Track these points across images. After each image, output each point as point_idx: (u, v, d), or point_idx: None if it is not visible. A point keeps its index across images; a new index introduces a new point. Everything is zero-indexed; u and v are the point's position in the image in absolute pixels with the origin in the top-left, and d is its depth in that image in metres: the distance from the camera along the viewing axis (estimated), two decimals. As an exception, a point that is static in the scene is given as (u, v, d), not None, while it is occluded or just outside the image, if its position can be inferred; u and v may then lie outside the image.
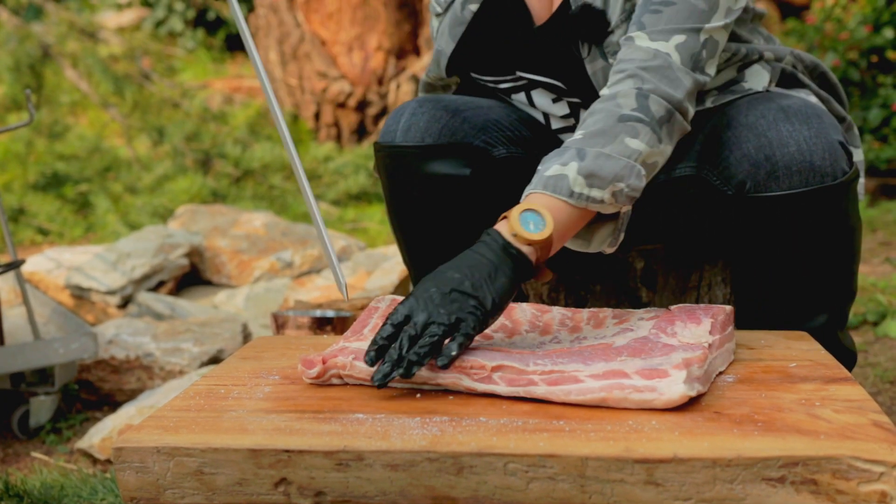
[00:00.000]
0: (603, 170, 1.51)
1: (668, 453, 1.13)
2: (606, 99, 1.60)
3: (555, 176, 1.50)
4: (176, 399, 1.38)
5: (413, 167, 1.84)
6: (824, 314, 1.78)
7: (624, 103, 1.57)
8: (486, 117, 1.88)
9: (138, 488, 1.22)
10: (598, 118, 1.57)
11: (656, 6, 1.64)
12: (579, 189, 1.49)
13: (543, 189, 1.50)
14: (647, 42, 1.63)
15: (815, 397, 1.30)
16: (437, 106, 1.86)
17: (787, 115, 1.70)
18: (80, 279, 3.43)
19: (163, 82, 6.63)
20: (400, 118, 1.86)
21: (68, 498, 2.08)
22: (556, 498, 1.15)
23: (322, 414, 1.29)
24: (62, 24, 6.77)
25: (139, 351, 2.81)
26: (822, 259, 1.73)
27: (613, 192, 1.52)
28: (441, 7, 1.92)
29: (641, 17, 1.65)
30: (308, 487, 1.19)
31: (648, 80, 1.59)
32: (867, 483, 1.11)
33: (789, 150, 1.67)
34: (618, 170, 1.51)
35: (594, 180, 1.50)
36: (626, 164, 1.52)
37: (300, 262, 3.80)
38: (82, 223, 5.06)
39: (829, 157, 1.66)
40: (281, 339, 1.77)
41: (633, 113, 1.56)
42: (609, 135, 1.54)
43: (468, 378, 1.35)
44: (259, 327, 3.21)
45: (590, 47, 1.79)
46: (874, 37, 5.30)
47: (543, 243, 1.45)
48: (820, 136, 1.67)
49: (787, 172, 1.67)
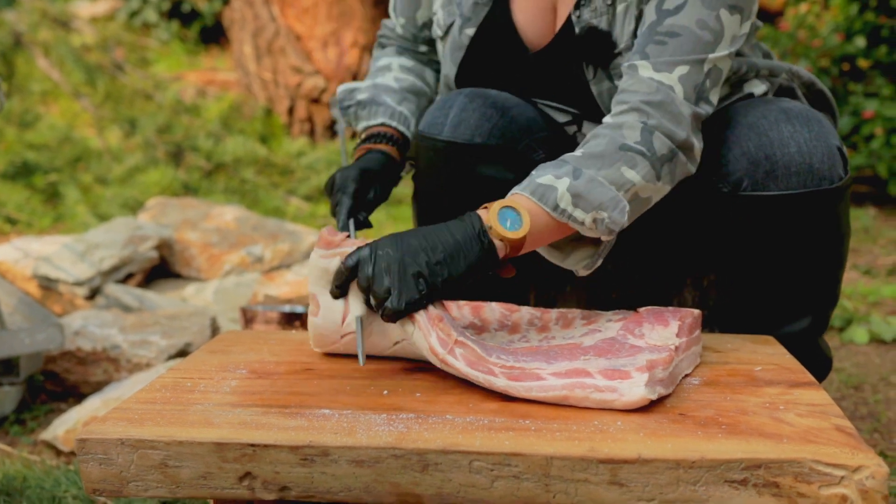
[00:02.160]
0: (591, 194, 1.52)
1: (633, 454, 1.14)
2: (612, 126, 1.61)
3: (545, 185, 1.52)
4: (141, 391, 1.37)
5: (459, 165, 1.82)
6: (808, 317, 1.79)
7: (628, 135, 1.59)
8: (527, 116, 1.87)
9: (101, 480, 1.21)
10: (601, 142, 1.58)
11: (661, 37, 1.64)
12: (564, 205, 1.51)
13: (531, 194, 1.52)
14: (650, 73, 1.62)
15: (780, 401, 1.31)
16: (486, 103, 1.83)
17: (788, 117, 1.71)
18: (48, 270, 3.40)
19: (136, 73, 6.58)
20: (449, 111, 1.83)
21: (31, 489, 2.06)
22: (521, 497, 1.16)
23: (288, 409, 1.29)
24: (35, 13, 6.71)
25: (106, 343, 2.79)
26: (810, 262, 1.75)
27: (595, 218, 1.53)
28: (441, 30, 1.92)
29: (645, 47, 1.65)
30: (273, 482, 1.19)
31: (653, 116, 1.60)
32: (828, 486, 1.12)
33: (789, 150, 1.68)
34: (604, 199, 1.52)
35: (580, 201, 1.52)
36: (613, 196, 1.53)
37: (270, 257, 3.79)
38: (51, 213, 5.02)
39: (827, 161, 1.68)
40: (249, 333, 1.76)
41: (636, 146, 1.57)
42: (607, 160, 1.55)
43: (435, 336, 1.36)
44: (228, 321, 3.20)
45: (595, 69, 1.79)
46: (846, 45, 5.34)
47: (515, 243, 1.47)
48: (820, 140, 1.69)
49: (786, 173, 1.68)
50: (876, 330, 3.26)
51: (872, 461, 1.12)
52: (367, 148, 1.91)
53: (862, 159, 5.07)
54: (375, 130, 1.94)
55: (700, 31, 1.63)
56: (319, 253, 1.50)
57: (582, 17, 1.76)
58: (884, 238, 4.59)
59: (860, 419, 2.54)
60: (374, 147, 1.91)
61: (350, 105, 2.01)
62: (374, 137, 1.93)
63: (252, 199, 5.23)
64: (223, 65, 7.93)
